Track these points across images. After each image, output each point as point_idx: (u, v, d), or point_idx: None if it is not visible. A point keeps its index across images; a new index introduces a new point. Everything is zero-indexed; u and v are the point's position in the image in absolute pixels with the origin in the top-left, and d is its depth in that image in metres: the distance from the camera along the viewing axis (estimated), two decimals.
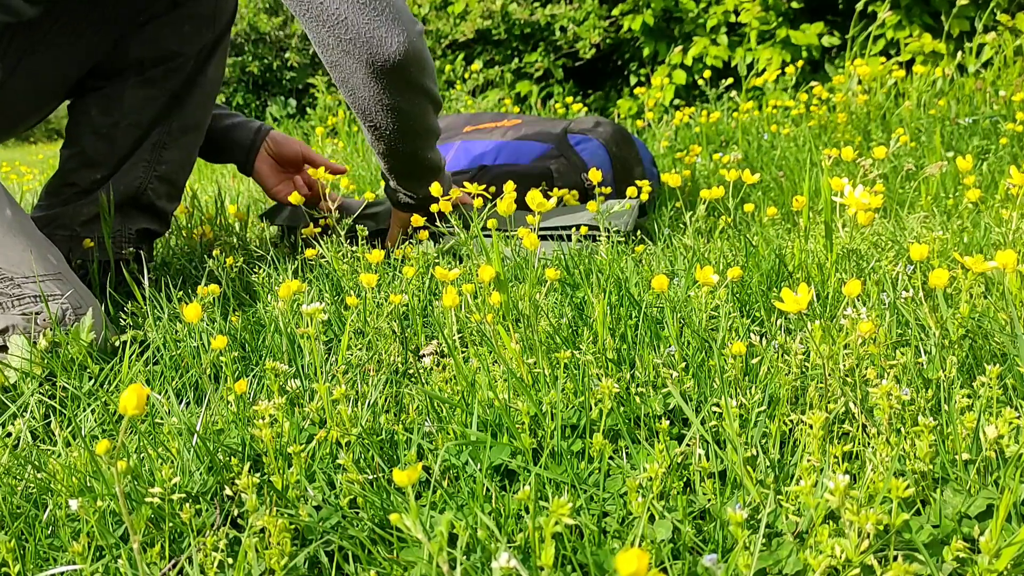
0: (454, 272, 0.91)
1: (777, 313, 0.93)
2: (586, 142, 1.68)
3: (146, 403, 0.48)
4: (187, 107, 1.33)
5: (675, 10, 4.00)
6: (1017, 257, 0.75)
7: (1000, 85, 2.81)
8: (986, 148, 2.12)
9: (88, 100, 1.31)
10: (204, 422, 0.77)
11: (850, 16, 3.39)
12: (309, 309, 0.75)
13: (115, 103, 1.29)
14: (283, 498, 0.63)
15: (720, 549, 0.57)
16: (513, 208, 0.97)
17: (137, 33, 1.27)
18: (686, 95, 3.92)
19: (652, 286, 0.82)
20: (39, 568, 0.60)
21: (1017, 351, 0.73)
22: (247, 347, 0.99)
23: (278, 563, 0.55)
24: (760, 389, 0.70)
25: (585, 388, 0.72)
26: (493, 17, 4.41)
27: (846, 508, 0.49)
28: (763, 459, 0.64)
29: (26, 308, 1.00)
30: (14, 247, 1.03)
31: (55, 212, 1.32)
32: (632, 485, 0.57)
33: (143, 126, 1.30)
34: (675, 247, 1.30)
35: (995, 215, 1.36)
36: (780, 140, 2.51)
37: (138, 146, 1.32)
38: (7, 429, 0.82)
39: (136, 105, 1.29)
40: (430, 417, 0.76)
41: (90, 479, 0.68)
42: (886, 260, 1.05)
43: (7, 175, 3.98)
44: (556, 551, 0.54)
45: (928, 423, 0.59)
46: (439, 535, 0.45)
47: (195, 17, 1.29)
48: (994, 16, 3.15)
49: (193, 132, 1.36)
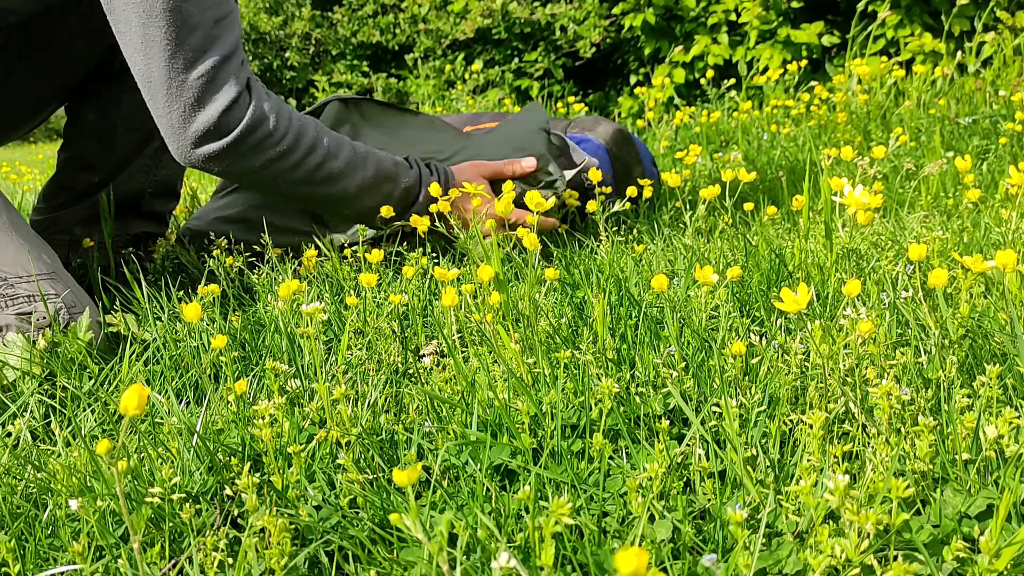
0: (453, 272, 0.91)
1: (777, 313, 0.93)
2: (586, 142, 1.68)
3: (146, 403, 0.48)
4: None
5: (676, 9, 4.01)
6: (1017, 257, 0.75)
7: (1000, 84, 2.81)
8: (986, 148, 2.12)
9: (85, 104, 1.30)
10: (204, 422, 0.77)
11: (850, 15, 3.39)
12: (309, 309, 0.75)
13: (112, 107, 1.29)
14: (283, 498, 0.63)
15: (720, 549, 0.57)
16: (512, 208, 0.97)
17: None
18: (687, 94, 3.92)
19: (652, 286, 0.82)
20: (39, 568, 0.60)
21: (1017, 351, 0.73)
22: (247, 347, 0.99)
23: (278, 563, 0.55)
24: (760, 389, 0.70)
25: (585, 388, 0.72)
26: (493, 16, 4.41)
27: (846, 508, 0.49)
28: (763, 459, 0.64)
29: (20, 308, 1.00)
30: (8, 247, 1.02)
31: (53, 216, 1.32)
32: (632, 485, 0.56)
33: (143, 131, 1.30)
34: (675, 247, 1.30)
35: (995, 215, 1.36)
36: (780, 140, 2.51)
37: (138, 152, 1.31)
38: (7, 429, 0.82)
39: (133, 110, 1.28)
40: (430, 417, 0.76)
41: (90, 479, 0.68)
42: (886, 260, 1.05)
43: (7, 175, 3.98)
44: (556, 551, 0.54)
45: (928, 423, 0.59)
46: (439, 535, 0.45)
47: None
48: (994, 15, 3.15)
49: None
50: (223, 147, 1.03)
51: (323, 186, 1.13)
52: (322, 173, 1.11)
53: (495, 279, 0.82)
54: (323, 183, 1.12)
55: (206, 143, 1.03)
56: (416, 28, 4.84)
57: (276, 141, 1.07)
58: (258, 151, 1.06)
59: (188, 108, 1.00)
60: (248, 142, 1.04)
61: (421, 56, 4.77)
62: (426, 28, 4.72)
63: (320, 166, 1.11)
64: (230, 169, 1.06)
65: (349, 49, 5.34)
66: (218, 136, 1.02)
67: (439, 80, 4.57)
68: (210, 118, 1.01)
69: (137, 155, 1.31)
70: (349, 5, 5.33)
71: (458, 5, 4.52)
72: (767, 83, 3.33)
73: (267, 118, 1.06)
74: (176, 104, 1.00)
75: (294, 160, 1.09)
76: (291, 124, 1.09)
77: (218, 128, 1.02)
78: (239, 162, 1.06)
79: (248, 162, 1.06)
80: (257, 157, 1.06)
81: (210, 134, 1.02)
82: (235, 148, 1.04)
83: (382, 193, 1.18)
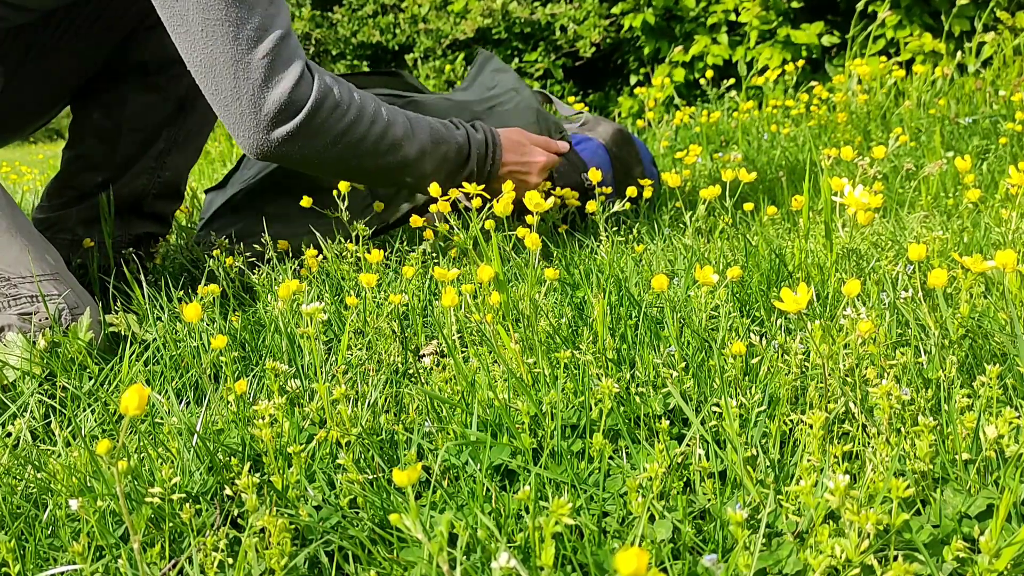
0: (453, 272, 0.91)
1: (777, 313, 0.93)
2: (586, 142, 1.68)
3: (147, 403, 0.48)
4: (194, 114, 1.32)
5: (676, 9, 4.01)
6: (1017, 257, 0.75)
7: (1000, 84, 2.81)
8: (986, 148, 2.12)
9: (90, 103, 1.31)
10: (204, 422, 0.77)
11: (850, 15, 3.39)
12: (309, 309, 0.75)
13: (116, 107, 1.29)
14: (283, 498, 0.63)
15: (720, 549, 0.57)
16: (510, 208, 0.96)
17: (141, 38, 1.26)
18: (687, 94, 3.92)
19: (652, 286, 0.82)
20: (39, 568, 0.60)
21: (1017, 351, 0.73)
22: (247, 347, 0.99)
23: (278, 563, 0.55)
24: (760, 389, 0.70)
25: (585, 388, 0.72)
26: (493, 16, 4.41)
27: (846, 508, 0.49)
28: (763, 459, 0.64)
29: (23, 308, 1.00)
30: (11, 247, 1.03)
31: (56, 215, 1.32)
32: (632, 485, 0.56)
33: (147, 132, 1.30)
34: (675, 247, 1.30)
35: (995, 215, 1.36)
36: (780, 140, 2.51)
37: (143, 153, 1.31)
38: (7, 429, 0.82)
39: (139, 110, 1.28)
40: (430, 417, 0.76)
41: (90, 479, 0.68)
42: (886, 260, 1.05)
43: (7, 175, 3.98)
44: (556, 551, 0.54)
45: (928, 423, 0.59)
46: (439, 535, 0.45)
47: None
48: (994, 15, 3.15)
49: (198, 137, 1.35)
50: (298, 125, 1.02)
51: (389, 155, 1.13)
52: (386, 142, 1.12)
53: (495, 279, 0.82)
54: (388, 152, 1.13)
55: (281, 124, 1.02)
56: (416, 28, 4.84)
57: (343, 113, 1.07)
58: (329, 125, 1.05)
59: (257, 89, 0.99)
60: (319, 116, 1.04)
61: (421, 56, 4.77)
62: (426, 28, 4.72)
63: (384, 135, 1.11)
64: (305, 150, 1.05)
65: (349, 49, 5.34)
66: (291, 114, 1.02)
67: (439, 80, 4.57)
68: (281, 96, 1.00)
69: (141, 156, 1.31)
70: (349, 5, 5.33)
71: (458, 5, 4.52)
72: (766, 83, 3.33)
73: (331, 89, 1.06)
74: (245, 87, 0.99)
75: (361, 131, 1.09)
76: (352, 96, 1.09)
77: (290, 105, 1.01)
78: (313, 139, 1.05)
79: (321, 139, 1.06)
80: (329, 132, 1.06)
81: (283, 113, 1.01)
82: (308, 124, 1.03)
83: (439, 155, 1.18)
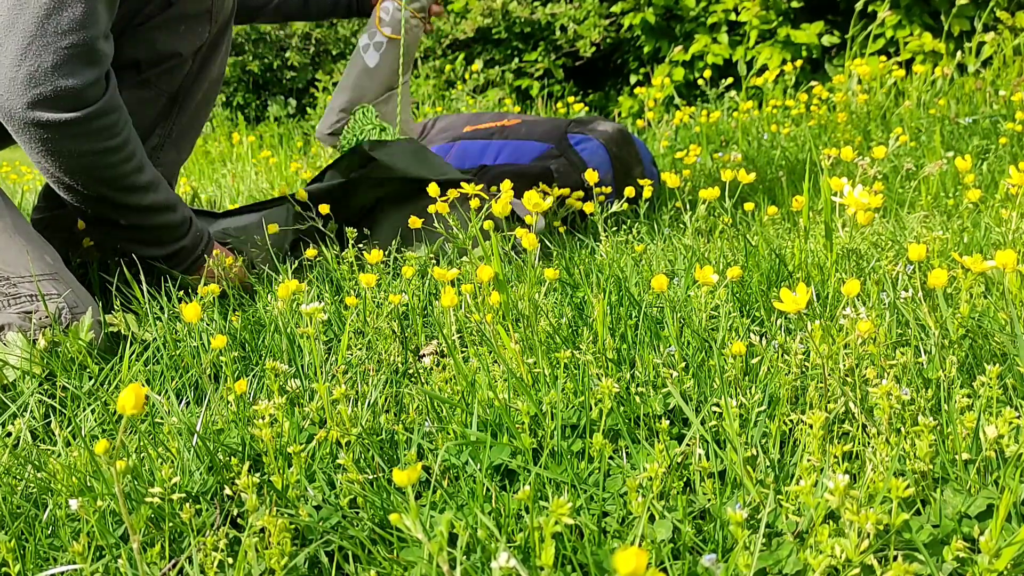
0: (452, 272, 0.91)
1: (777, 313, 0.93)
2: (586, 142, 1.68)
3: (145, 403, 0.48)
4: (187, 108, 1.32)
5: (676, 8, 4.01)
6: (1017, 257, 0.75)
7: (1000, 84, 2.81)
8: (986, 148, 2.12)
9: None
10: (204, 422, 0.77)
11: (850, 15, 3.39)
12: (309, 309, 0.75)
13: None
14: (283, 498, 0.63)
15: (720, 549, 0.57)
16: (509, 209, 0.96)
17: (132, 34, 1.26)
18: (687, 94, 3.92)
19: (652, 286, 0.82)
20: (39, 568, 0.60)
21: (1017, 351, 0.73)
22: (247, 347, 0.99)
23: (278, 563, 0.55)
24: (760, 389, 0.70)
25: (585, 388, 0.72)
26: (493, 16, 4.41)
27: (846, 508, 0.49)
28: (763, 459, 0.64)
29: (22, 307, 1.00)
30: (11, 247, 1.03)
31: (53, 215, 1.31)
32: (632, 485, 0.56)
33: (140, 128, 1.30)
34: (675, 247, 1.30)
35: (995, 215, 1.36)
36: (780, 140, 2.51)
37: None
38: (7, 429, 0.82)
39: (133, 107, 1.28)
40: (430, 417, 0.76)
41: (90, 479, 0.68)
42: (886, 260, 1.05)
43: (7, 175, 3.98)
44: (556, 551, 0.54)
45: (928, 423, 0.59)
46: (439, 535, 0.45)
47: (190, 17, 1.27)
48: (994, 15, 3.15)
49: (191, 132, 1.35)
50: (70, 119, 1.01)
51: (124, 192, 1.12)
52: (128, 181, 1.11)
53: (495, 279, 0.82)
54: (126, 190, 1.12)
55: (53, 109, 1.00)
56: None
57: (114, 134, 1.06)
58: (97, 136, 1.04)
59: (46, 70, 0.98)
60: (95, 124, 1.03)
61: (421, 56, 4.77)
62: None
63: (130, 174, 1.11)
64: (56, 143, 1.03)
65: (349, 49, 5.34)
66: (71, 107, 1.00)
67: (439, 80, 4.57)
68: (71, 87, 0.99)
69: None
70: None
71: (458, 5, 4.52)
72: (765, 83, 3.33)
73: (119, 108, 1.06)
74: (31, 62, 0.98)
75: (116, 159, 1.08)
76: (128, 125, 1.09)
77: (74, 99, 1.00)
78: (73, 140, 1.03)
79: (80, 143, 1.04)
80: (92, 142, 1.04)
81: (62, 101, 1.00)
82: (79, 124, 1.02)
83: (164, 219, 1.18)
